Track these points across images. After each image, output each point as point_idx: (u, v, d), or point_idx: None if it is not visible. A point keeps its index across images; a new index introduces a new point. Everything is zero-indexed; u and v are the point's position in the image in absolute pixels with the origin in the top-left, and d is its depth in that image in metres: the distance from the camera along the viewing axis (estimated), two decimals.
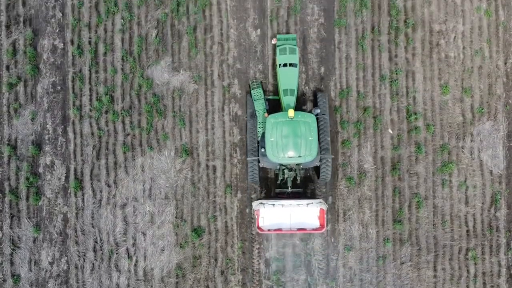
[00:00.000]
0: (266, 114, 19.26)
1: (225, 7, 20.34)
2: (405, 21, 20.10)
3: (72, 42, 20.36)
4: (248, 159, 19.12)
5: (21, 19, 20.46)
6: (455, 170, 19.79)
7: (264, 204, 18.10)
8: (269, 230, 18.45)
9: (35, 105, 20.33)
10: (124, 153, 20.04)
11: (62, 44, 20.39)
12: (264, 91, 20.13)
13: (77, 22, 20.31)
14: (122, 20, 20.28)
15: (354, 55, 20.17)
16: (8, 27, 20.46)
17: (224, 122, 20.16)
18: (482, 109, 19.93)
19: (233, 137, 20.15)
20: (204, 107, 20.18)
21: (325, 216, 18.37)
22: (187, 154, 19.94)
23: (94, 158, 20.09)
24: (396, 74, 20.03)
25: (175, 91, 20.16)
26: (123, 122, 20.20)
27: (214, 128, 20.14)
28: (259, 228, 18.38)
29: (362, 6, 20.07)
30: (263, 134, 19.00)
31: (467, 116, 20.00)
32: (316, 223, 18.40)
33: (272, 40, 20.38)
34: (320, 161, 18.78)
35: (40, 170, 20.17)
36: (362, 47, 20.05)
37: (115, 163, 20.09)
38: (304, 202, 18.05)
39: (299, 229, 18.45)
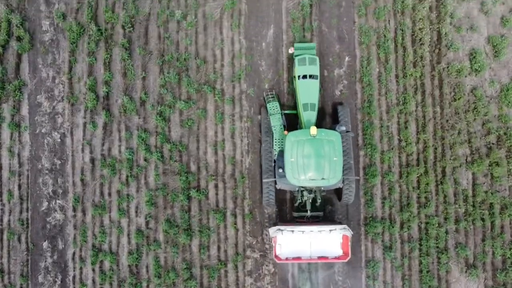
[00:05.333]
0: (285, 132, 17.42)
1: None
2: None
3: None
4: (263, 180, 17.29)
5: None
6: None
7: (282, 230, 16.24)
8: (287, 258, 16.54)
9: None
10: None
11: None
12: (281, 105, 18.67)
13: None
14: None
15: None
16: None
17: None
18: None
19: None
20: None
21: (349, 243, 16.30)
22: None
23: None
24: None
25: None
26: None
27: None
28: (276, 257, 16.53)
29: None
30: (280, 152, 17.34)
31: None
32: (339, 251, 16.62)
33: (290, 49, 18.87)
34: (342, 182, 16.92)
35: None
36: None
37: None
38: (326, 228, 16.24)
39: (320, 258, 16.60)
